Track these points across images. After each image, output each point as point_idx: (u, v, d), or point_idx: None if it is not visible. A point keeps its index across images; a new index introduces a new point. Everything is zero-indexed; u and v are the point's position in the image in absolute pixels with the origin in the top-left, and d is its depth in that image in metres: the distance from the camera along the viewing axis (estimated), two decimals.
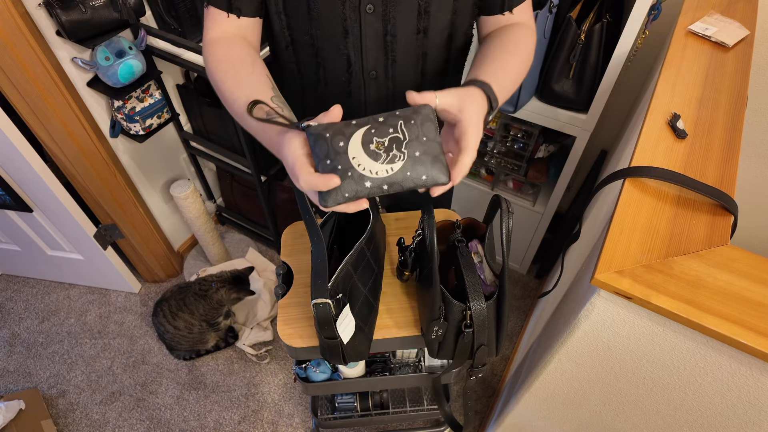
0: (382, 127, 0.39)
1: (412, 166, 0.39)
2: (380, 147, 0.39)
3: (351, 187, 0.39)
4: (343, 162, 0.38)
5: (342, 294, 0.52)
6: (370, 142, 0.39)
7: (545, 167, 1.26)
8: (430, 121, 0.39)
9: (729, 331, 0.39)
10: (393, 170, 0.39)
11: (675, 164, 0.51)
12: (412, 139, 0.39)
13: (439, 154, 0.40)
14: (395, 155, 0.39)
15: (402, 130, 0.39)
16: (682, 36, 0.69)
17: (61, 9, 0.89)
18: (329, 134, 0.38)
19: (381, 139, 0.39)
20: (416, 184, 0.40)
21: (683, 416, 0.53)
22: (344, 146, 0.38)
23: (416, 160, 0.39)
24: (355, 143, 0.38)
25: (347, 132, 0.39)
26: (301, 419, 1.23)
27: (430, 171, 0.39)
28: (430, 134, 0.39)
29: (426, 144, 0.39)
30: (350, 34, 0.52)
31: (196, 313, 1.23)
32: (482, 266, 0.57)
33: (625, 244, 0.44)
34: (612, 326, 0.48)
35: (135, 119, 1.12)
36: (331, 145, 0.38)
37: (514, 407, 0.75)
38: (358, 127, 0.39)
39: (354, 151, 0.38)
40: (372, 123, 0.39)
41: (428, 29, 0.54)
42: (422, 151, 0.39)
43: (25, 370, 1.33)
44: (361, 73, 0.56)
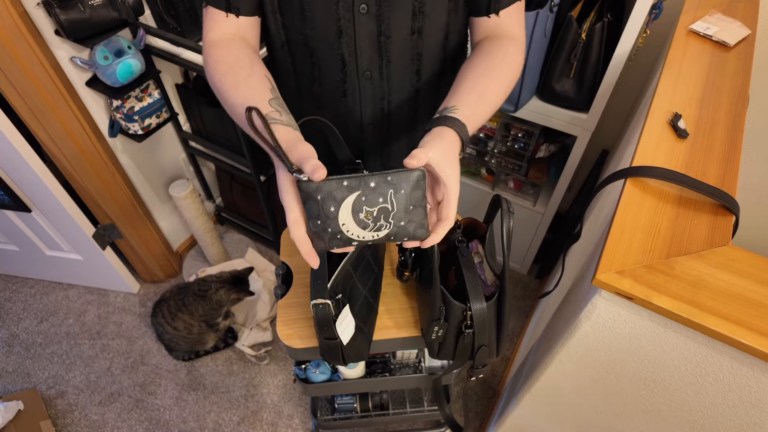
0: (372, 195, 0.40)
1: (397, 233, 0.42)
2: (369, 216, 0.40)
3: (338, 244, 0.42)
4: (333, 226, 0.40)
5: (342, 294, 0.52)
6: (359, 211, 0.40)
7: (546, 167, 1.26)
8: (418, 189, 0.41)
9: (730, 331, 0.38)
10: (378, 236, 0.42)
11: (676, 164, 0.51)
12: (399, 209, 0.41)
13: (423, 219, 0.42)
14: (382, 225, 0.41)
15: (391, 201, 0.40)
16: (683, 35, 0.69)
17: (59, 8, 0.89)
18: (320, 197, 0.39)
19: (370, 208, 0.40)
20: (397, 242, 0.44)
21: (684, 417, 0.53)
22: (335, 212, 0.40)
23: (401, 228, 0.42)
24: (346, 210, 0.40)
25: (338, 196, 0.39)
26: (300, 420, 1.22)
27: (412, 234, 0.43)
28: (416, 201, 0.41)
29: (412, 213, 0.41)
30: (344, 34, 0.52)
31: (196, 314, 1.23)
32: (483, 266, 0.57)
33: (627, 244, 0.44)
34: (613, 327, 0.48)
35: (134, 119, 1.12)
36: (322, 208, 0.40)
37: (514, 408, 0.75)
38: (349, 192, 0.39)
39: (344, 218, 0.40)
40: (363, 188, 0.40)
41: (423, 30, 0.53)
42: (407, 220, 0.41)
43: (23, 371, 1.32)
44: (356, 74, 0.56)
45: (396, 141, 0.66)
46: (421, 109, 0.63)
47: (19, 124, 1.04)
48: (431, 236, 0.43)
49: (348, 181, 0.39)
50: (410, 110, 0.62)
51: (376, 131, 0.63)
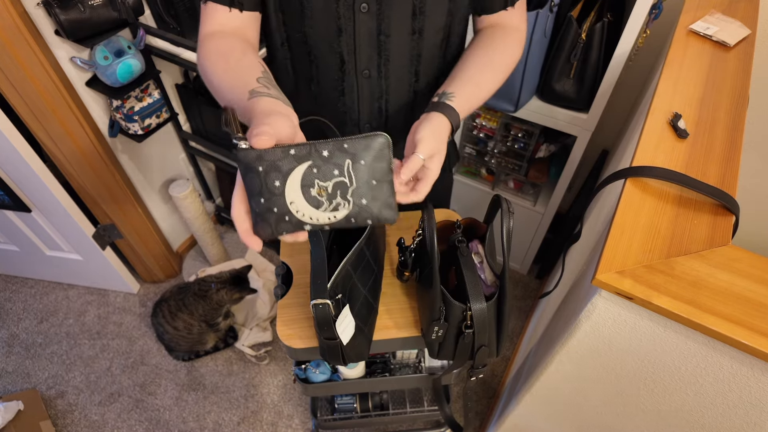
0: (325, 167, 0.33)
1: (358, 213, 0.35)
2: (322, 193, 0.33)
3: (286, 228, 0.35)
4: (279, 205, 0.33)
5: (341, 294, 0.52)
6: (310, 186, 0.33)
7: (546, 167, 1.26)
8: (382, 159, 0.34)
9: (730, 331, 0.38)
10: (336, 218, 0.35)
11: (676, 164, 0.51)
12: (360, 184, 0.34)
13: (389, 197, 0.35)
14: (339, 203, 0.34)
15: (349, 174, 0.33)
16: (683, 35, 0.69)
17: (59, 8, 0.89)
18: (262, 168, 0.32)
19: (324, 183, 0.33)
20: (360, 225, 0.36)
21: (684, 417, 0.53)
22: (281, 187, 0.33)
23: (362, 208, 0.35)
24: (293, 185, 0.33)
25: (284, 168, 0.33)
26: (300, 420, 1.22)
27: (376, 215, 0.35)
28: (380, 175, 0.34)
29: (375, 189, 0.34)
30: (344, 32, 0.52)
31: (196, 314, 1.23)
32: (483, 266, 0.57)
33: (627, 244, 0.44)
34: (613, 327, 0.48)
35: (134, 119, 1.12)
36: (264, 182, 0.33)
37: (514, 408, 0.75)
38: (297, 162, 0.33)
39: (292, 195, 0.33)
40: (314, 157, 0.33)
41: (423, 30, 0.53)
42: (370, 198, 0.34)
43: (23, 371, 1.32)
44: (354, 72, 0.56)
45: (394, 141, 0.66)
46: (418, 110, 0.63)
47: (18, 124, 1.03)
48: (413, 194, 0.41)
49: (295, 149, 0.33)
50: (408, 111, 0.63)
51: (374, 130, 0.63)
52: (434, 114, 0.47)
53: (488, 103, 1.09)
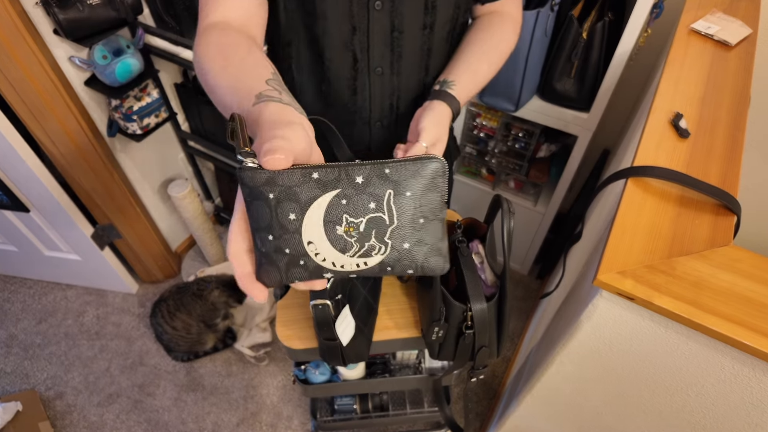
0: (358, 198, 0.25)
1: (397, 260, 0.27)
2: (352, 232, 0.26)
3: (300, 276, 0.27)
4: (292, 245, 0.26)
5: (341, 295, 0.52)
6: (337, 222, 0.26)
7: (547, 167, 1.25)
8: (434, 190, 0.26)
9: (732, 332, 0.38)
10: (367, 265, 0.27)
11: (678, 164, 0.50)
12: (402, 223, 0.26)
13: (439, 240, 0.28)
14: (373, 247, 0.26)
15: (389, 208, 0.26)
16: (684, 34, 0.68)
17: (58, 7, 0.88)
18: (273, 195, 0.25)
19: (355, 219, 0.25)
20: (397, 274, 0.29)
21: (686, 418, 0.52)
22: (297, 222, 0.25)
23: (403, 253, 0.27)
24: (314, 220, 0.25)
25: (303, 196, 0.25)
26: (300, 421, 1.22)
27: (421, 264, 0.27)
28: (430, 212, 0.27)
29: (423, 229, 0.27)
30: (358, 30, 0.52)
31: (194, 314, 1.23)
32: (483, 267, 0.56)
33: (628, 244, 0.44)
34: (614, 327, 0.48)
35: (132, 118, 1.11)
36: (275, 214, 0.25)
37: (515, 409, 0.75)
38: (321, 190, 0.25)
39: (311, 233, 0.26)
40: (344, 185, 0.25)
41: (434, 24, 0.54)
42: (415, 241, 0.27)
43: (22, 372, 1.32)
44: (367, 70, 0.56)
45: (403, 138, 0.66)
46: None
47: (17, 123, 1.03)
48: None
49: (319, 173, 0.25)
50: (418, 106, 0.63)
51: (384, 128, 0.63)
52: (436, 102, 0.48)
53: (489, 103, 1.08)
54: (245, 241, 0.29)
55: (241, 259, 0.29)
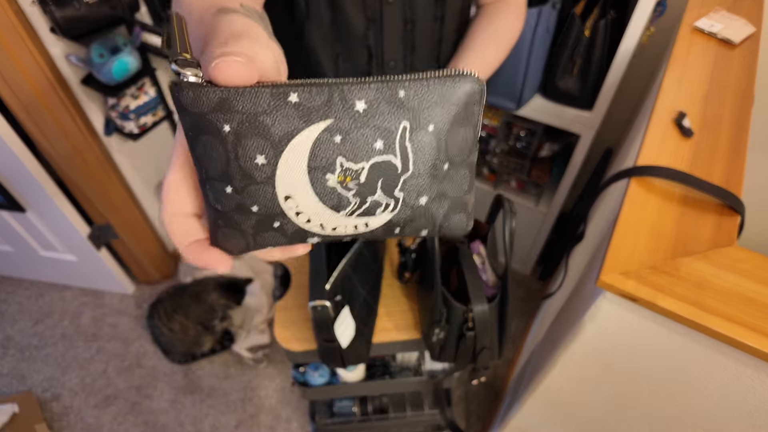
0: (359, 133, 0.18)
1: (409, 218, 0.20)
2: (349, 182, 0.18)
3: (276, 240, 0.20)
4: (262, 201, 0.19)
5: (341, 296, 0.51)
6: (328, 170, 0.18)
7: (549, 166, 1.25)
8: (466, 124, 0.19)
9: (735, 333, 0.38)
10: (368, 227, 0.20)
11: (681, 163, 0.50)
12: (421, 170, 0.19)
13: (466, 192, 0.20)
14: (378, 204, 0.19)
15: (403, 150, 0.18)
16: (687, 33, 0.68)
17: (55, 5, 0.88)
18: (230, 127, 0.17)
19: (354, 165, 0.18)
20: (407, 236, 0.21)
21: (689, 419, 0.52)
22: (267, 168, 0.18)
23: (418, 210, 0.20)
24: (294, 166, 0.18)
25: (276, 129, 0.17)
26: (299, 424, 1.21)
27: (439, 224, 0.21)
28: (459, 153, 0.19)
29: (447, 178, 0.20)
30: (372, 23, 0.52)
31: (191, 316, 1.22)
32: (484, 267, 0.56)
33: (631, 244, 0.43)
34: (617, 329, 0.47)
35: (129, 117, 1.10)
36: (234, 156, 0.18)
37: (517, 411, 0.74)
38: (303, 121, 0.17)
39: (289, 185, 0.18)
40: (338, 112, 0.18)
41: (445, 16, 0.54)
42: (436, 194, 0.20)
43: (18, 373, 1.31)
44: (381, 64, 0.56)
45: None
46: None
47: (13, 122, 1.02)
48: None
49: (300, 94, 0.17)
50: None
51: None
52: None
53: (490, 101, 1.08)
54: (189, 199, 0.21)
55: (182, 226, 0.21)
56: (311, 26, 0.53)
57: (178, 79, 0.18)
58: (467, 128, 0.19)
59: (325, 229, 0.20)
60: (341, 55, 0.55)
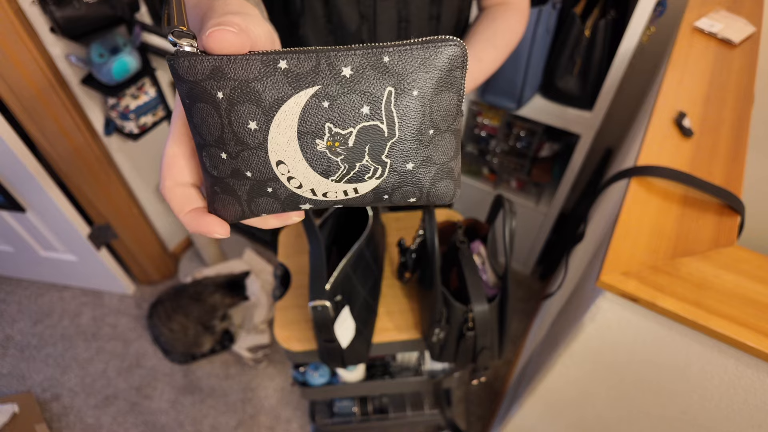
0: (346, 98, 0.18)
1: (397, 185, 0.20)
2: (337, 147, 0.19)
3: (269, 206, 0.21)
4: (255, 166, 0.19)
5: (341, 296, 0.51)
6: (316, 135, 0.19)
7: (549, 166, 1.25)
8: (450, 89, 0.19)
9: (735, 333, 0.38)
10: (357, 192, 0.20)
11: (681, 163, 0.50)
12: (406, 135, 0.19)
13: (452, 158, 0.21)
14: (366, 168, 0.20)
15: (388, 114, 0.19)
16: (687, 32, 0.68)
17: (55, 5, 0.87)
18: (223, 93, 0.18)
19: (342, 130, 0.19)
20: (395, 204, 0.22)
21: (689, 420, 0.52)
22: (259, 134, 0.19)
23: (405, 176, 0.20)
24: (284, 131, 0.19)
25: (267, 96, 0.18)
26: (299, 424, 1.21)
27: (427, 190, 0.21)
28: (443, 118, 0.20)
29: (432, 143, 0.20)
30: (365, 20, 0.52)
31: (191, 316, 1.22)
32: (485, 267, 0.56)
33: (631, 244, 0.43)
34: (617, 329, 0.47)
35: (129, 117, 1.10)
36: (228, 122, 0.19)
37: (517, 412, 0.74)
38: (292, 87, 0.18)
39: (281, 150, 0.19)
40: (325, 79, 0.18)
41: (441, 15, 0.53)
42: (422, 160, 0.20)
43: (18, 373, 1.31)
44: None
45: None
46: None
47: (13, 122, 1.02)
48: None
49: (289, 61, 0.18)
50: None
51: None
52: None
53: (490, 101, 1.08)
54: (187, 169, 0.22)
55: (180, 195, 0.21)
56: (306, 21, 0.53)
57: (175, 49, 0.19)
58: (451, 93, 0.20)
59: (316, 194, 0.20)
60: None
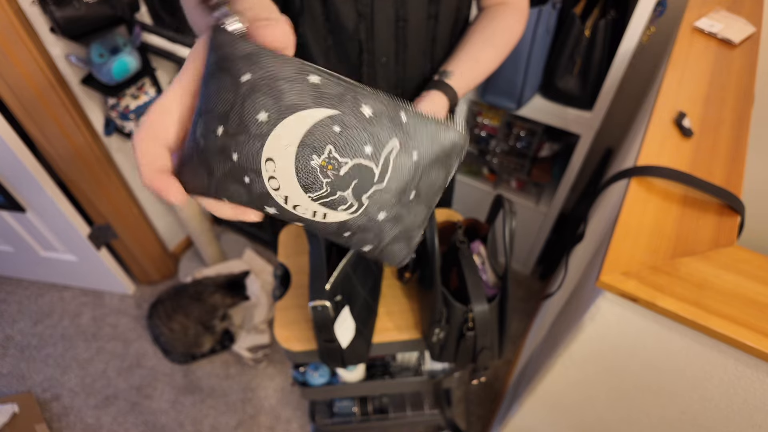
0: (355, 133, 0.20)
1: (361, 228, 0.22)
2: (329, 170, 0.20)
3: (237, 196, 0.21)
4: (245, 153, 0.20)
5: (341, 296, 0.51)
6: (316, 151, 0.20)
7: (549, 166, 1.25)
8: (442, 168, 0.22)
9: (735, 333, 0.38)
10: (324, 218, 0.21)
11: (681, 163, 0.50)
12: (391, 188, 0.21)
13: (417, 228, 0.23)
14: (344, 200, 0.21)
15: (385, 163, 0.20)
16: (687, 32, 0.68)
17: (55, 5, 0.87)
18: (248, 77, 0.19)
19: (340, 157, 0.20)
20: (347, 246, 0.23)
21: (689, 420, 0.52)
22: (265, 127, 0.19)
23: (372, 223, 0.22)
24: (289, 134, 0.19)
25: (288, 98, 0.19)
26: (299, 424, 1.21)
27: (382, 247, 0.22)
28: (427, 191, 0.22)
29: (408, 206, 0.22)
30: (363, 18, 0.51)
31: (191, 316, 1.22)
32: (484, 267, 0.56)
33: (631, 244, 0.43)
34: (617, 329, 0.47)
35: (129, 117, 1.10)
36: (241, 103, 0.19)
37: (517, 412, 0.74)
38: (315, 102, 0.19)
39: (276, 149, 0.20)
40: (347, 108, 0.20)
41: (439, 14, 0.53)
42: (393, 216, 0.21)
43: (18, 373, 1.31)
44: (372, 60, 0.55)
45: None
46: None
47: (13, 122, 1.02)
48: None
49: (323, 79, 0.20)
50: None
51: None
52: (433, 92, 0.49)
53: (490, 101, 1.08)
54: (172, 128, 0.21)
55: (153, 150, 0.21)
56: (305, 20, 0.53)
57: (220, 21, 0.20)
58: (441, 171, 0.22)
59: (287, 203, 0.21)
60: (333, 49, 0.55)
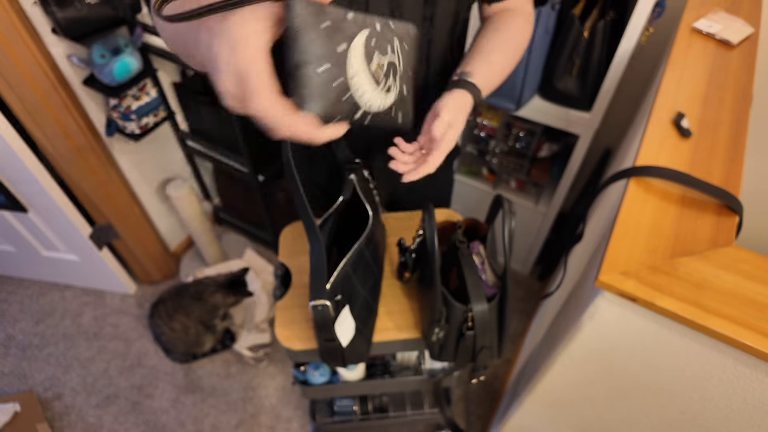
0: (381, 39, 0.28)
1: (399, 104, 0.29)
2: (379, 70, 0.28)
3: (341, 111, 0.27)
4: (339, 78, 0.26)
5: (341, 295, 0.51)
6: (371, 58, 0.27)
7: (548, 166, 1.25)
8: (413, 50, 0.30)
9: (734, 333, 0.38)
10: (384, 106, 0.28)
11: (680, 164, 0.50)
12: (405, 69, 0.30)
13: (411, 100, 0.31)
14: (390, 86, 0.29)
15: (398, 54, 0.29)
16: (686, 33, 0.68)
17: (57, 6, 0.88)
18: (326, 24, 0.25)
19: (383, 57, 0.28)
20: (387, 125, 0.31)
21: (688, 419, 0.52)
22: (345, 55, 0.26)
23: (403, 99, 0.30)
24: (358, 54, 0.26)
25: (348, 30, 0.26)
26: (299, 423, 1.21)
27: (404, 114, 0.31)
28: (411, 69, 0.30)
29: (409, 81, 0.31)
30: None
31: (192, 316, 1.22)
32: (484, 267, 0.56)
33: (630, 244, 0.43)
34: (616, 328, 0.47)
35: (131, 118, 1.11)
36: (329, 43, 0.25)
37: (516, 411, 0.74)
38: (358, 27, 0.27)
39: (355, 66, 0.26)
40: (370, 26, 0.27)
41: (434, 17, 0.54)
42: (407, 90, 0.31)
43: (20, 373, 1.31)
44: None
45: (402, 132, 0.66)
46: (427, 98, 0.63)
47: (15, 122, 1.03)
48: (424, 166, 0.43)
49: (352, 15, 0.27)
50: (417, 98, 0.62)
51: None
52: (456, 90, 0.49)
53: (490, 102, 1.08)
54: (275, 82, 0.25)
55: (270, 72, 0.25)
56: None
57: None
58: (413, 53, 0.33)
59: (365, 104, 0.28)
60: None
